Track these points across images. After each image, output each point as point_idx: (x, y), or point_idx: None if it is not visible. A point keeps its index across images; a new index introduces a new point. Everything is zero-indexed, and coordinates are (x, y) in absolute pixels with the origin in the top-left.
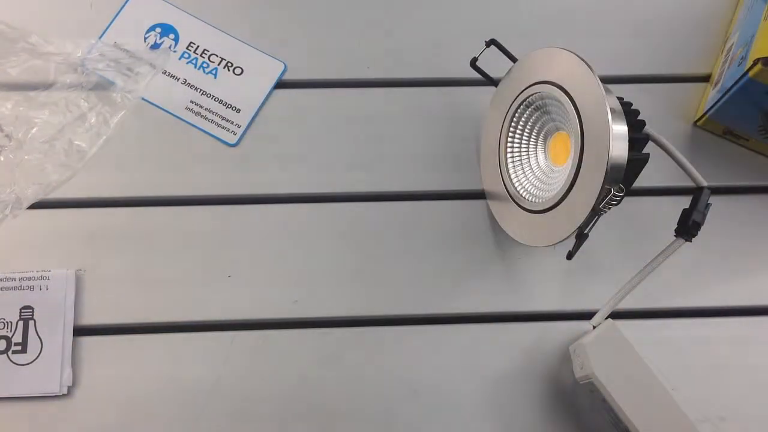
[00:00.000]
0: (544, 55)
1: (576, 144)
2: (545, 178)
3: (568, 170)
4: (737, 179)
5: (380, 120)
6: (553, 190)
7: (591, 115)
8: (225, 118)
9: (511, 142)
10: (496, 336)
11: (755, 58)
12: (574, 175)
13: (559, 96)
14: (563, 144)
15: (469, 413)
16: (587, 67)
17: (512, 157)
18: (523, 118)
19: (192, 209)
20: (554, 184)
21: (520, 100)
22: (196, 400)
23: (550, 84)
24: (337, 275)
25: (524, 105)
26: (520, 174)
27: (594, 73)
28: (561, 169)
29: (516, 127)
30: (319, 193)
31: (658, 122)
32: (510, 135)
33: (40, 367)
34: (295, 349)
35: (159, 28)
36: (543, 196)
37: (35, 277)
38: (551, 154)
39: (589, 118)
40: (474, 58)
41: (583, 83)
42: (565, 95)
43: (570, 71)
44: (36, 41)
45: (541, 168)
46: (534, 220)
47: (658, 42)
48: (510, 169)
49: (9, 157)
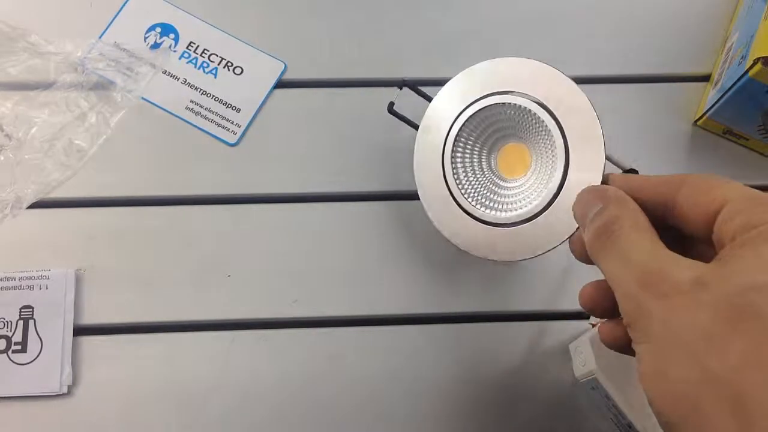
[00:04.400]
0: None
1: (545, 155)
2: (497, 189)
3: (534, 181)
4: (737, 179)
5: (381, 120)
6: (516, 203)
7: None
8: (225, 117)
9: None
10: (496, 335)
11: (755, 57)
12: (558, 186)
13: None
14: (518, 155)
15: (469, 413)
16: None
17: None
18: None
19: (192, 209)
20: (513, 196)
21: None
22: (196, 400)
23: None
24: (337, 275)
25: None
26: (468, 187)
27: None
28: (521, 181)
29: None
30: (319, 193)
31: (657, 122)
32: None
33: (40, 366)
34: (295, 349)
35: (159, 27)
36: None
37: (35, 276)
38: (501, 166)
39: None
40: (391, 103)
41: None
42: (538, 105)
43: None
44: (36, 41)
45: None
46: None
47: (657, 42)
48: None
49: (9, 156)
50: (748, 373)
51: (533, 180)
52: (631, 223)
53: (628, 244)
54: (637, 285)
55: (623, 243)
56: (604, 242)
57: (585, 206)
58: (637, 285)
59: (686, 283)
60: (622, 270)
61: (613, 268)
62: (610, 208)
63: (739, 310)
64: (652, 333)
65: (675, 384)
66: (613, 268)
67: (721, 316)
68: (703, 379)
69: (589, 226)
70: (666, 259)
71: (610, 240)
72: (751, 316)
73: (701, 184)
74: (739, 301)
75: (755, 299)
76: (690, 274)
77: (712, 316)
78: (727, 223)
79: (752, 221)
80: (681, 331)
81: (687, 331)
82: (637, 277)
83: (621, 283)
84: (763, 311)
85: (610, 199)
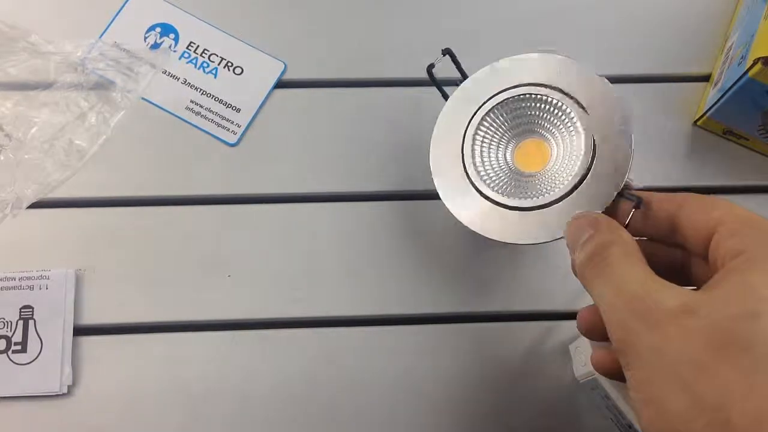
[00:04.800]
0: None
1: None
2: (515, 177)
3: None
4: (737, 179)
5: (381, 120)
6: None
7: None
8: (225, 117)
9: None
10: (496, 335)
11: (755, 57)
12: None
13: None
14: (537, 150)
15: (469, 413)
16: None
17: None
18: (499, 118)
19: (192, 209)
20: (529, 186)
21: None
22: (196, 400)
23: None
24: (337, 275)
25: (501, 105)
26: (487, 169)
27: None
28: (537, 174)
29: (488, 128)
30: (319, 193)
31: (657, 122)
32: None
33: (40, 366)
34: (295, 349)
35: (159, 27)
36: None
37: (35, 276)
38: (519, 161)
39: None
40: (431, 65)
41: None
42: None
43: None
44: (36, 41)
45: (506, 168)
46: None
47: (658, 42)
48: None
49: (9, 156)
50: (737, 400)
51: (552, 172)
52: (622, 250)
53: (619, 270)
54: (628, 312)
55: (614, 269)
56: (594, 268)
57: (576, 232)
58: (628, 312)
59: (674, 311)
60: (612, 297)
61: (603, 294)
62: (601, 234)
63: (726, 338)
64: (642, 360)
65: (665, 408)
66: (603, 294)
67: (709, 344)
68: (694, 405)
69: (580, 251)
70: (655, 286)
71: (600, 266)
72: (738, 344)
73: (700, 204)
74: (726, 330)
75: (741, 328)
76: (678, 301)
77: (700, 344)
78: (720, 245)
79: (740, 246)
80: (670, 358)
81: (676, 358)
82: (628, 305)
83: (611, 310)
84: (750, 340)
85: (602, 226)
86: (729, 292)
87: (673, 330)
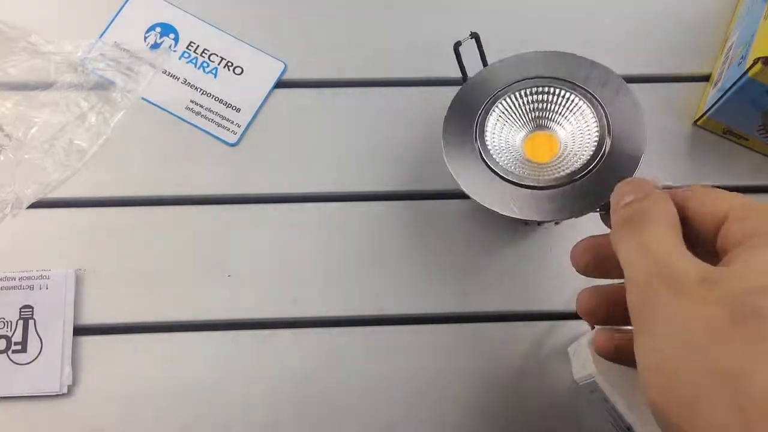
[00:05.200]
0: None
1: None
2: (528, 164)
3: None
4: (737, 179)
5: (381, 120)
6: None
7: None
8: (225, 117)
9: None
10: (496, 336)
11: (755, 57)
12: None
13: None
14: (547, 142)
15: (469, 413)
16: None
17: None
18: (519, 105)
19: (192, 209)
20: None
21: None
22: (196, 400)
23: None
24: (337, 275)
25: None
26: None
27: None
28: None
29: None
30: (319, 193)
31: (658, 122)
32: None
33: (40, 366)
34: (295, 349)
35: (159, 27)
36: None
37: (35, 276)
38: (528, 151)
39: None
40: (458, 42)
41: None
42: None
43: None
44: (36, 41)
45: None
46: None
47: (657, 42)
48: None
49: (9, 156)
50: (750, 364)
51: (559, 164)
52: (660, 218)
53: (652, 235)
54: (650, 274)
55: (648, 232)
56: (630, 227)
57: (623, 194)
58: (650, 274)
59: (694, 281)
60: (638, 257)
61: (630, 253)
62: (648, 200)
63: (742, 309)
64: (657, 324)
65: (677, 374)
66: (630, 253)
67: (725, 313)
68: (707, 369)
69: (620, 211)
70: (680, 255)
71: (636, 226)
72: (753, 315)
73: (707, 193)
74: (742, 301)
75: (757, 300)
76: (699, 272)
77: (716, 313)
78: (731, 229)
79: (755, 228)
80: (686, 324)
81: (692, 325)
82: (651, 267)
83: (634, 270)
84: (763, 311)
85: (649, 192)
86: (748, 267)
87: (693, 298)
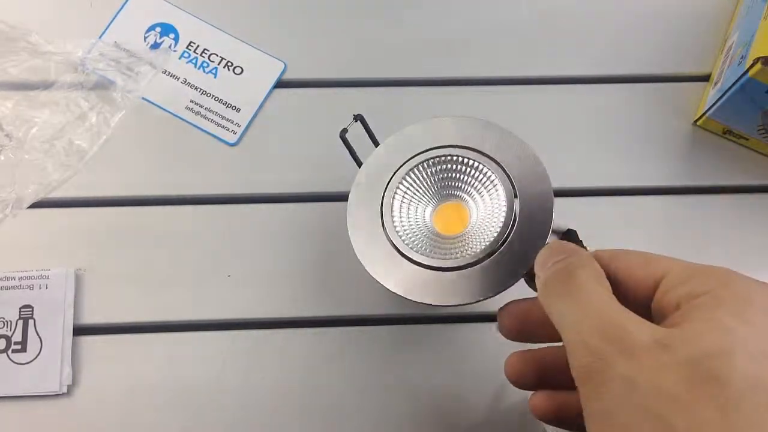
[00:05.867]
0: (450, 121)
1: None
2: (437, 240)
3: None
4: (737, 179)
5: (381, 120)
6: (455, 252)
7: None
8: (225, 117)
9: (404, 202)
10: (496, 336)
11: (755, 57)
12: (505, 236)
13: (484, 161)
14: (456, 214)
15: (469, 413)
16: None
17: (399, 220)
18: (421, 178)
19: (192, 209)
20: (450, 248)
21: (420, 159)
22: (196, 400)
23: (468, 150)
24: (337, 275)
25: (425, 165)
26: (406, 231)
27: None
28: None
29: (409, 188)
30: (319, 193)
31: (657, 122)
32: (402, 194)
33: (39, 366)
34: (294, 349)
35: (159, 27)
36: (442, 256)
37: (35, 276)
38: (438, 224)
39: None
40: (344, 129)
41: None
42: (492, 162)
43: (491, 140)
44: (36, 40)
45: (425, 231)
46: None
47: (657, 41)
48: (399, 233)
49: (9, 156)
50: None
51: (472, 235)
52: (591, 274)
53: (588, 291)
54: (598, 336)
55: (583, 289)
56: (561, 285)
57: (547, 255)
58: (598, 336)
59: (647, 343)
60: (580, 316)
61: (568, 313)
62: (572, 258)
63: (703, 374)
64: (609, 388)
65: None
66: (568, 313)
67: (685, 379)
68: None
69: (548, 270)
70: (626, 315)
71: (568, 285)
72: (714, 381)
73: (637, 257)
74: (703, 366)
75: (717, 365)
76: (650, 334)
77: (676, 379)
78: (669, 293)
79: (702, 288)
80: (644, 390)
81: (651, 391)
82: (598, 328)
83: (577, 331)
84: (727, 377)
85: (573, 252)
86: (701, 329)
87: (648, 362)
